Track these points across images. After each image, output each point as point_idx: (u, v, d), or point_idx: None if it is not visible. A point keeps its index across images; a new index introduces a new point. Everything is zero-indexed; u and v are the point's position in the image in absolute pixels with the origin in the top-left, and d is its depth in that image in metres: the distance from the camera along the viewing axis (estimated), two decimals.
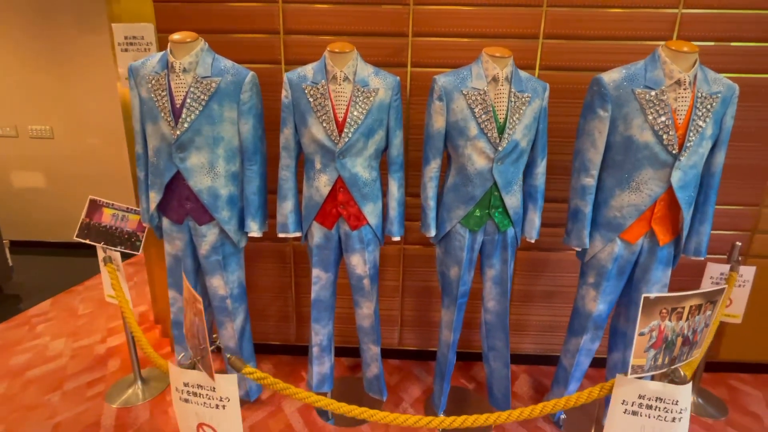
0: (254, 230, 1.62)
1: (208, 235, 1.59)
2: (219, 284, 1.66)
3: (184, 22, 1.84)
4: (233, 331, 1.74)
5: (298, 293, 2.22)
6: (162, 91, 1.46)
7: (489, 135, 1.42)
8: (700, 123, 1.36)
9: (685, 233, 1.49)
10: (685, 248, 1.53)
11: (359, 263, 1.62)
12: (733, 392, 2.11)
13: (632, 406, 1.03)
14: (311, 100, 1.46)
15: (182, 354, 1.69)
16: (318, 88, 1.45)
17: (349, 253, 1.61)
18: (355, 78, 1.46)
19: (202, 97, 1.46)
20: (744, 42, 1.79)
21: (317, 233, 1.59)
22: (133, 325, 1.53)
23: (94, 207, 1.81)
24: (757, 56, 1.80)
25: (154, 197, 1.57)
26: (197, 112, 1.46)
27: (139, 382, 2.01)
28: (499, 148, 1.42)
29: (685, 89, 1.35)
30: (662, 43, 1.54)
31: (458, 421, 1.13)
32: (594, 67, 1.83)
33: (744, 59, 1.80)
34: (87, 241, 1.79)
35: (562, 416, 1.86)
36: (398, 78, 1.53)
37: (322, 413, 1.89)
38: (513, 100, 1.43)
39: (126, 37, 1.88)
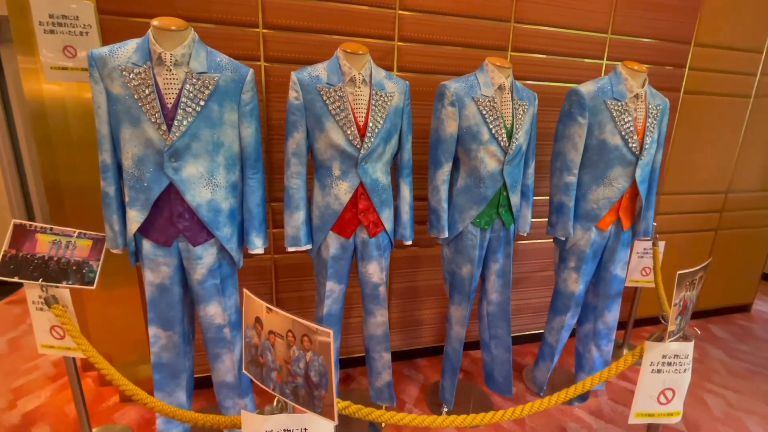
0: (258, 247, 1.45)
1: (205, 257, 1.37)
2: (216, 312, 1.44)
3: (135, 3, 1.53)
4: (232, 363, 1.52)
5: None
6: (147, 87, 1.20)
7: (499, 139, 1.52)
8: (652, 129, 1.68)
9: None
10: (636, 231, 1.87)
11: (376, 271, 1.57)
12: None
13: (657, 365, 1.23)
14: (328, 103, 1.37)
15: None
16: (335, 91, 1.37)
17: (366, 261, 1.56)
18: (372, 81, 1.42)
19: (199, 96, 1.24)
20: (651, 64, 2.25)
21: (333, 244, 1.49)
22: (116, 376, 1.22)
23: (22, 234, 1.38)
24: (651, 76, 2.28)
25: (136, 216, 1.28)
26: (194, 113, 1.24)
27: None
28: (509, 152, 1.54)
29: (641, 102, 1.65)
30: (618, 62, 1.84)
31: (517, 412, 1.20)
32: (544, 78, 2.10)
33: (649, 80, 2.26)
34: (15, 279, 1.36)
35: (545, 387, 2.09)
36: (408, 82, 1.53)
37: None
38: (516, 107, 1.56)
39: (51, 16, 1.48)
